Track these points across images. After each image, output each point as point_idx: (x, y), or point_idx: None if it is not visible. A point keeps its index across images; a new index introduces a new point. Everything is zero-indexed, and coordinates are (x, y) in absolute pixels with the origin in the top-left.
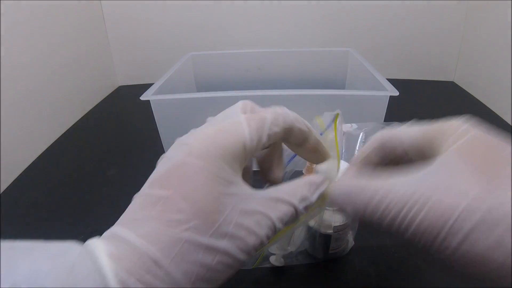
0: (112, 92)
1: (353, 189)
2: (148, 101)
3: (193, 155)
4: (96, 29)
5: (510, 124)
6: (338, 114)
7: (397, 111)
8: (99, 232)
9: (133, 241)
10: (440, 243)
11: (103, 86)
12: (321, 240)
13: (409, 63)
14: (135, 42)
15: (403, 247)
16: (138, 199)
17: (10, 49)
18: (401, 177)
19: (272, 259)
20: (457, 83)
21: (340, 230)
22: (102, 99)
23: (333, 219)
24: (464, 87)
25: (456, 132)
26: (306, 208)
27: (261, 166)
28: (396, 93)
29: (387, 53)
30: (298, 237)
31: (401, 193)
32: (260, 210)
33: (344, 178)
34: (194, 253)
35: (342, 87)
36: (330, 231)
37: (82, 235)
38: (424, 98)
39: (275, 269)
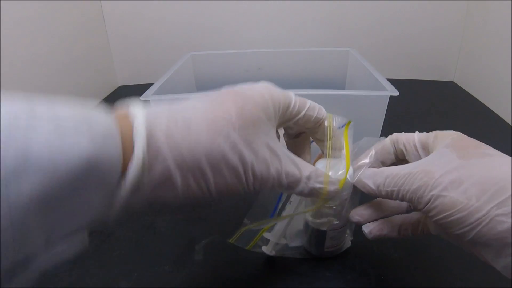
0: (112, 92)
1: (376, 171)
2: (148, 101)
3: (255, 89)
4: (96, 29)
5: (510, 124)
6: (350, 122)
7: (397, 111)
8: (99, 231)
9: (172, 108)
10: (425, 195)
11: (103, 86)
12: (316, 237)
13: (409, 63)
14: (135, 42)
15: (403, 248)
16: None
17: (10, 49)
18: (404, 165)
19: (264, 248)
20: (457, 83)
21: (336, 228)
22: (102, 99)
23: (330, 217)
24: (464, 87)
25: (446, 136)
26: (305, 191)
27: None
28: (396, 93)
29: (387, 53)
30: (294, 233)
31: (407, 170)
32: (279, 155)
33: (367, 168)
34: (223, 143)
35: (342, 87)
36: (325, 229)
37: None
38: (424, 98)
39: (275, 268)
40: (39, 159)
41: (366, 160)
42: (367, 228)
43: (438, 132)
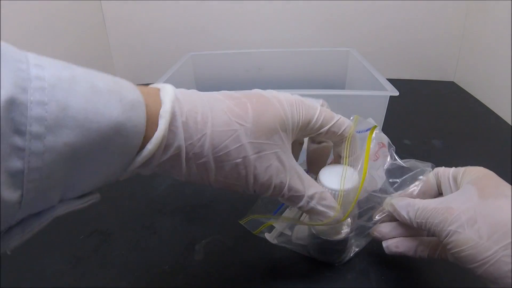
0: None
1: (410, 203)
2: None
3: (280, 98)
4: (96, 29)
5: (510, 124)
6: (376, 126)
7: (397, 111)
8: (99, 232)
9: (197, 97)
10: (445, 229)
11: None
12: (319, 244)
13: (409, 63)
14: (135, 42)
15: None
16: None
17: None
18: (435, 199)
19: (268, 235)
20: (457, 83)
21: (339, 242)
22: None
23: (337, 228)
24: (464, 87)
25: (474, 173)
26: (306, 209)
27: (310, 158)
28: (396, 93)
29: (387, 53)
30: (300, 230)
31: (434, 205)
32: (287, 168)
33: (404, 197)
34: (232, 144)
35: (342, 87)
36: (329, 238)
37: (82, 235)
38: (424, 98)
39: (275, 269)
40: (76, 115)
41: (408, 192)
42: (385, 243)
43: (468, 168)
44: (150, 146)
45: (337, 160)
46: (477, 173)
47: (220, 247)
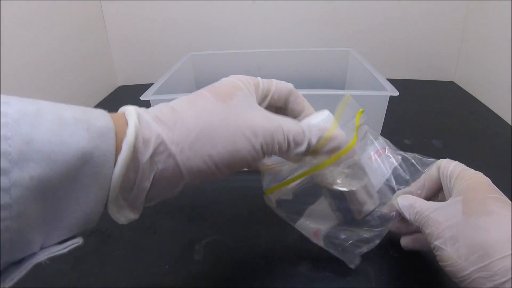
0: (112, 92)
1: (412, 203)
2: (148, 101)
3: (223, 79)
4: (96, 29)
5: (510, 124)
6: (362, 111)
7: (397, 111)
8: (99, 231)
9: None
10: (432, 241)
11: (103, 86)
12: (337, 199)
13: (409, 63)
14: (135, 42)
15: (403, 248)
16: None
17: (10, 49)
18: (431, 204)
19: (267, 198)
20: (457, 83)
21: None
22: (102, 99)
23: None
24: (464, 87)
25: (465, 179)
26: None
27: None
28: (396, 93)
29: (387, 53)
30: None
31: (427, 213)
32: (274, 116)
33: (409, 195)
34: (209, 117)
35: (342, 87)
36: (344, 188)
37: (82, 235)
38: (424, 98)
39: (275, 268)
40: (41, 147)
41: (411, 189)
42: (403, 241)
43: (463, 171)
44: (117, 169)
45: None
46: (469, 180)
47: (220, 247)
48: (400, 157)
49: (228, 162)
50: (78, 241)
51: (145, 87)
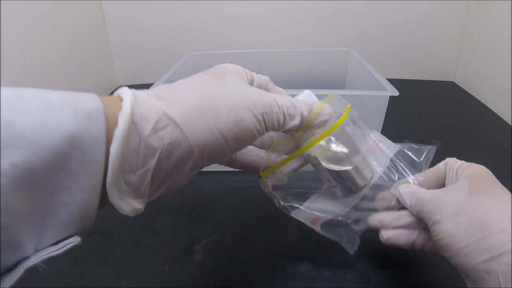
0: (112, 92)
1: (414, 191)
2: None
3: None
4: (96, 29)
5: (510, 124)
6: (350, 106)
7: (397, 111)
8: (99, 232)
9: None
10: (432, 217)
11: (103, 86)
12: (333, 173)
13: (409, 63)
14: (135, 42)
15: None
16: None
17: (10, 49)
18: (433, 191)
19: (262, 183)
20: (457, 83)
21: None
22: None
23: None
24: (464, 87)
25: (473, 169)
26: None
27: None
28: (396, 93)
29: (387, 53)
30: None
31: (430, 196)
32: (263, 92)
33: (411, 184)
34: (207, 93)
35: (342, 87)
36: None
37: (82, 235)
38: (424, 98)
39: (275, 268)
40: (24, 132)
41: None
42: (385, 235)
43: (470, 163)
44: (114, 146)
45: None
46: (475, 169)
47: (220, 247)
48: (398, 147)
49: (234, 133)
50: (74, 240)
51: (145, 87)
